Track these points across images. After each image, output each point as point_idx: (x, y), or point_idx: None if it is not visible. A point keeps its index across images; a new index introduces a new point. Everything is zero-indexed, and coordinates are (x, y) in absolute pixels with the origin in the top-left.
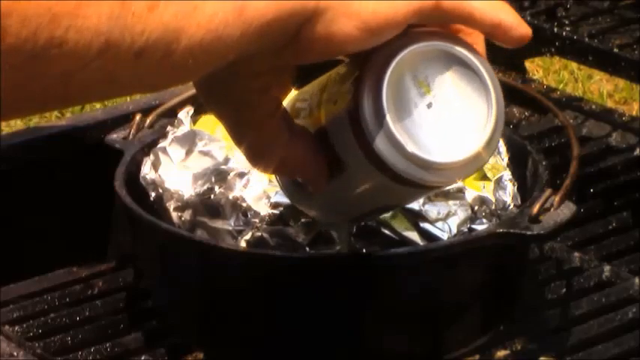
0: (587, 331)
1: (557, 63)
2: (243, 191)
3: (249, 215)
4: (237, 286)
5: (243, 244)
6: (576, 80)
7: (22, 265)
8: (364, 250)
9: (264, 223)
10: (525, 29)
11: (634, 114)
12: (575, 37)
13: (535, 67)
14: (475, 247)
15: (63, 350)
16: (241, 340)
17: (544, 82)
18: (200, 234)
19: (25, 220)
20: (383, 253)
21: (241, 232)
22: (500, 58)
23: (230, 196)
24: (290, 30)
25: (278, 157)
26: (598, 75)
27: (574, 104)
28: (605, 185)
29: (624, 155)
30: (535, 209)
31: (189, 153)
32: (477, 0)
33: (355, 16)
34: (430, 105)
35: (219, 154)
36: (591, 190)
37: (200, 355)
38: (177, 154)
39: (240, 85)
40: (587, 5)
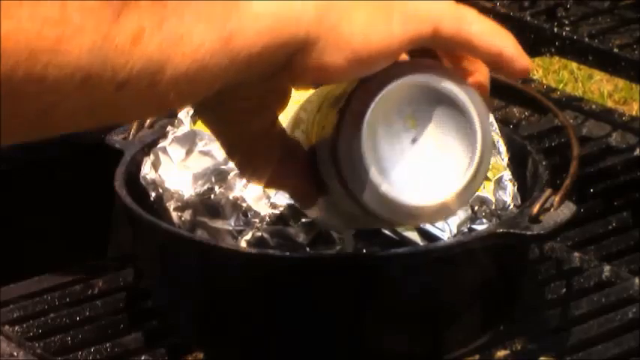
0: (587, 331)
1: (557, 63)
2: (243, 191)
3: (249, 215)
4: (238, 286)
5: (243, 244)
6: (576, 80)
7: (22, 265)
8: (364, 250)
9: (264, 223)
10: (526, 62)
11: (634, 114)
12: (575, 37)
13: (535, 67)
14: (475, 247)
15: (63, 350)
16: (241, 340)
17: (544, 81)
18: (200, 234)
19: (25, 220)
20: (383, 253)
21: (241, 232)
22: None
23: (230, 196)
24: (279, 60)
25: (268, 173)
26: (598, 75)
27: (574, 104)
28: (605, 185)
29: (624, 155)
30: (535, 209)
31: (189, 153)
32: (478, 28)
33: (345, 46)
34: (414, 140)
35: (219, 154)
36: (591, 190)
37: (200, 355)
38: (177, 154)
39: (232, 106)
40: (587, 5)
